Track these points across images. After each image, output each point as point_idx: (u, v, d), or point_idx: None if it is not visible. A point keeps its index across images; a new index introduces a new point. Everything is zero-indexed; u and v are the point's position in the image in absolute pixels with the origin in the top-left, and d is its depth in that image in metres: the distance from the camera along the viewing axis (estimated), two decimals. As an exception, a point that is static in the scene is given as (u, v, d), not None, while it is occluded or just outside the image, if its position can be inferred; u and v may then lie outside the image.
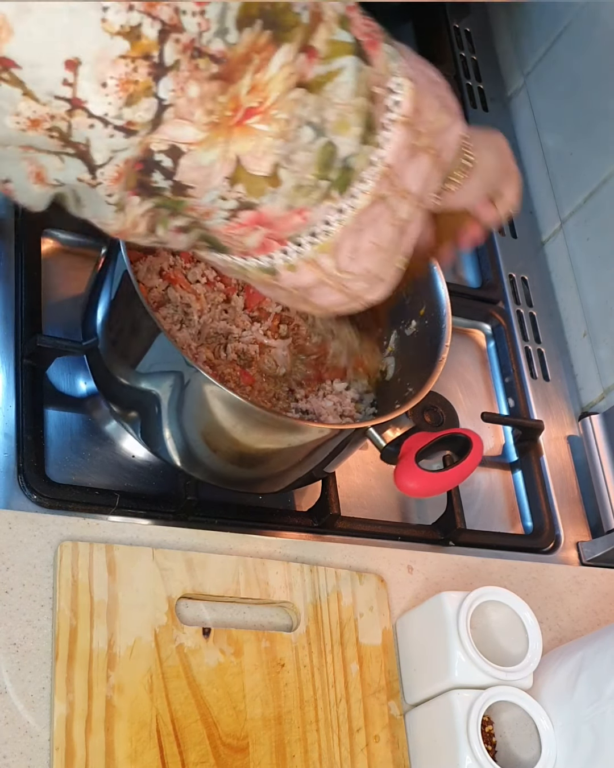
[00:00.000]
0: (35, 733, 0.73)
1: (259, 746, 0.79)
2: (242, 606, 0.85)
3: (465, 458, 0.81)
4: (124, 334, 0.83)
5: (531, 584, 1.00)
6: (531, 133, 1.33)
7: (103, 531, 0.83)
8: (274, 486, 0.92)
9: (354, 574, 0.90)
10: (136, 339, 0.80)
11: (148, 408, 0.83)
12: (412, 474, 0.80)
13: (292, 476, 0.90)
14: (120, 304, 0.82)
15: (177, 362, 0.77)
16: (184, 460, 0.86)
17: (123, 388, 0.85)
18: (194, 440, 0.84)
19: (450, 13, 1.37)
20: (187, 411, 0.81)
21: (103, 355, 0.86)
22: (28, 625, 0.76)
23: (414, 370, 0.90)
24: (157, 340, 0.77)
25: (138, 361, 0.81)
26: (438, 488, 0.83)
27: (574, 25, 1.26)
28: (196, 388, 0.78)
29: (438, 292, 0.89)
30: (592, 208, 1.22)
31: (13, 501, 0.83)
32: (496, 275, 1.21)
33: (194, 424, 0.82)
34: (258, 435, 0.81)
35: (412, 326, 0.91)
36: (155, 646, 0.79)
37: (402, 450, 0.82)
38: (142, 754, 0.75)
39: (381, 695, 0.86)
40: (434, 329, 0.89)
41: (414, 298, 0.91)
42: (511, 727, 0.84)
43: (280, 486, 0.92)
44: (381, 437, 0.82)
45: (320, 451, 0.85)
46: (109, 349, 0.85)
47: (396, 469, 0.81)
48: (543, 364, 1.20)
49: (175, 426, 0.83)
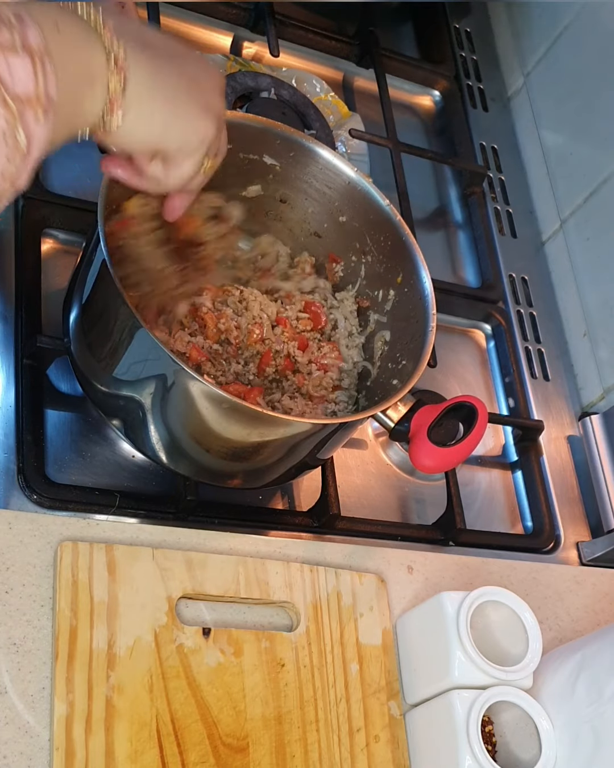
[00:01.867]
0: (35, 733, 0.73)
1: (259, 746, 0.79)
2: (242, 606, 0.85)
3: (473, 428, 0.81)
4: (99, 327, 0.82)
5: (531, 584, 1.00)
6: (532, 134, 1.33)
7: (103, 531, 0.83)
8: (264, 479, 0.90)
9: (354, 574, 0.90)
10: (113, 332, 0.79)
11: (132, 406, 0.82)
12: (427, 451, 0.80)
13: (283, 467, 0.88)
14: (97, 300, 0.81)
15: (160, 359, 0.76)
16: (170, 458, 0.85)
17: (102, 387, 0.84)
18: (181, 437, 0.83)
19: (450, 13, 1.37)
20: (172, 408, 0.80)
21: (75, 353, 0.85)
22: (28, 625, 0.76)
23: (403, 343, 0.89)
24: (138, 334, 0.76)
25: (118, 360, 0.80)
26: (454, 461, 0.82)
27: (574, 25, 1.26)
28: (182, 387, 0.77)
29: (414, 256, 0.89)
30: (592, 208, 1.22)
31: (13, 501, 0.83)
32: (496, 275, 1.21)
33: (180, 421, 0.81)
34: (246, 430, 0.80)
35: (391, 296, 0.91)
36: (155, 646, 0.79)
37: (412, 428, 0.81)
38: (142, 754, 0.75)
39: (381, 695, 0.86)
40: (416, 296, 0.88)
41: (387, 266, 0.91)
42: (511, 727, 0.84)
43: (270, 478, 0.90)
44: (387, 417, 0.81)
45: (310, 441, 0.83)
46: (82, 344, 0.84)
47: (411, 449, 0.80)
48: (543, 364, 1.20)
49: (160, 423, 0.82)
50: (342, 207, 0.94)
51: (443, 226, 1.26)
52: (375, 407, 0.82)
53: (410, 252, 0.90)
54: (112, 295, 0.75)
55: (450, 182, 1.28)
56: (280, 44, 1.17)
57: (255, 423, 0.78)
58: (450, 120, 1.31)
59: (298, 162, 0.92)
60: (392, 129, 1.19)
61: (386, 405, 0.81)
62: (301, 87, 1.17)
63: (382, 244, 0.92)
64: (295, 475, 0.91)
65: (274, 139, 0.90)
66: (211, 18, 1.19)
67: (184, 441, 0.83)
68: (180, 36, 1.16)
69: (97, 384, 0.84)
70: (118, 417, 0.85)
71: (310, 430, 0.81)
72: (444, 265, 1.22)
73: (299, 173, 0.93)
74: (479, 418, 0.81)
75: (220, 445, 0.82)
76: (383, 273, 0.93)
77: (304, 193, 0.94)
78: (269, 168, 0.92)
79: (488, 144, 1.33)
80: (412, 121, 1.31)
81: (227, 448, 0.82)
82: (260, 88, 1.12)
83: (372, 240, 0.93)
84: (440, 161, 1.26)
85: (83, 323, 0.83)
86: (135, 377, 0.80)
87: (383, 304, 0.93)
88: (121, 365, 0.80)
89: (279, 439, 0.81)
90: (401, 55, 1.29)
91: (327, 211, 0.95)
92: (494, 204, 1.29)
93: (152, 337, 0.74)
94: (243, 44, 1.20)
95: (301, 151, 0.91)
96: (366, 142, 1.17)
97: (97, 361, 0.83)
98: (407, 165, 1.17)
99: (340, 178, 0.92)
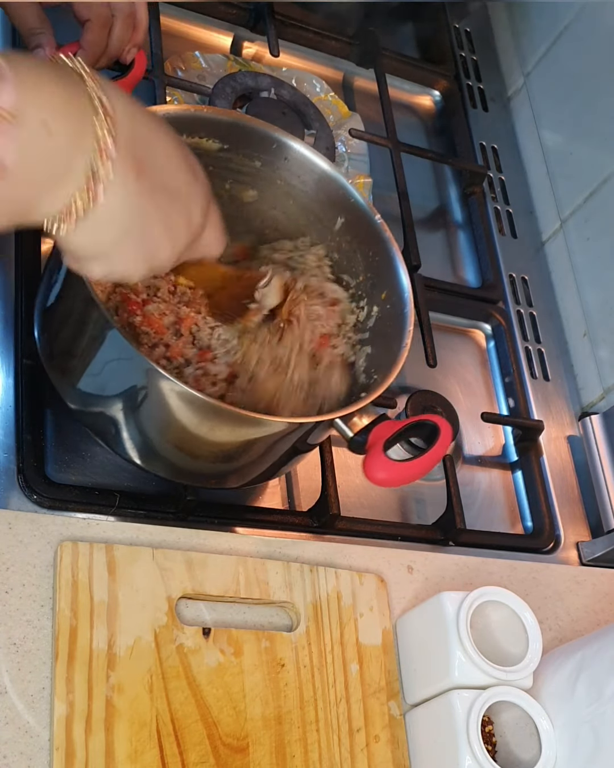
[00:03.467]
0: (35, 733, 0.73)
1: (259, 746, 0.79)
2: (242, 606, 0.85)
3: (433, 445, 0.79)
4: (68, 331, 0.81)
5: (531, 584, 1.00)
6: (532, 134, 1.33)
7: (103, 531, 0.83)
8: (239, 479, 0.89)
9: (354, 574, 0.90)
10: (83, 335, 0.78)
11: (107, 409, 0.81)
12: (381, 464, 0.78)
13: (257, 469, 0.87)
14: (66, 301, 0.80)
15: (134, 361, 0.75)
16: (144, 460, 0.84)
17: (74, 388, 0.83)
18: (154, 438, 0.82)
19: (450, 13, 1.37)
20: (147, 412, 0.79)
21: (43, 355, 0.84)
22: (28, 625, 0.76)
23: (380, 358, 0.88)
24: (109, 335, 0.75)
25: (89, 362, 0.79)
26: (408, 477, 0.80)
27: (574, 25, 1.26)
28: (157, 390, 0.75)
29: (399, 274, 0.88)
30: (592, 208, 1.22)
31: (13, 501, 0.83)
32: (496, 275, 1.21)
33: (153, 423, 0.80)
34: (220, 430, 0.79)
35: (374, 312, 0.91)
36: (155, 646, 0.79)
37: (369, 440, 0.80)
38: (142, 754, 0.75)
39: (381, 695, 0.86)
40: (396, 314, 0.87)
41: (374, 282, 0.91)
42: (511, 727, 0.84)
43: (246, 479, 0.89)
44: (348, 427, 0.80)
45: (286, 441, 0.82)
46: (51, 345, 0.83)
47: (365, 460, 0.79)
48: (543, 364, 1.20)
49: (133, 425, 0.81)
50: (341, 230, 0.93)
51: (443, 226, 1.26)
52: (333, 413, 0.81)
53: (396, 269, 0.89)
54: (82, 293, 0.74)
55: (450, 182, 1.28)
56: (280, 44, 1.17)
57: (212, 417, 0.77)
58: (450, 120, 1.31)
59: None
60: (392, 129, 1.19)
61: (343, 412, 0.80)
62: (300, 87, 1.17)
63: (370, 260, 0.91)
64: (275, 473, 0.90)
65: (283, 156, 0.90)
66: (211, 18, 1.19)
67: (155, 441, 0.82)
68: (179, 38, 1.17)
69: (68, 374, 0.83)
70: (89, 415, 0.84)
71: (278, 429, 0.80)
72: (444, 265, 1.22)
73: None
74: (440, 438, 0.79)
75: (191, 442, 0.80)
76: (370, 289, 0.92)
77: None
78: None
79: (488, 144, 1.33)
80: (412, 121, 1.31)
81: (196, 444, 0.81)
82: (260, 88, 1.12)
83: (364, 257, 0.92)
84: (440, 161, 1.26)
85: (50, 325, 0.83)
86: (105, 382, 0.79)
87: (367, 321, 0.93)
88: (93, 365, 0.79)
89: (240, 433, 0.80)
90: (401, 55, 1.29)
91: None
92: (494, 204, 1.29)
93: (123, 339, 0.72)
94: (243, 44, 1.20)
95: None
96: (366, 142, 1.17)
97: (69, 366, 0.82)
98: (407, 165, 1.17)
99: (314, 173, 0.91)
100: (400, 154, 1.17)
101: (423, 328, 1.08)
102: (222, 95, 1.08)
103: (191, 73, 1.11)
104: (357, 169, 1.15)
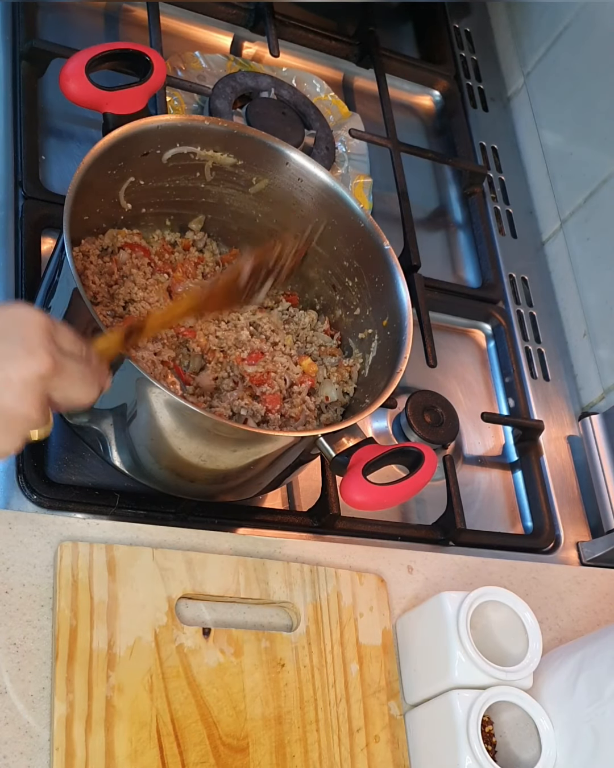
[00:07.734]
0: (35, 733, 0.73)
1: (259, 746, 0.79)
2: (242, 606, 0.85)
3: (416, 472, 0.79)
4: None
5: (531, 584, 1.00)
6: (531, 133, 1.33)
7: (103, 531, 0.83)
8: (239, 494, 0.90)
9: (354, 574, 0.90)
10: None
11: (99, 426, 0.82)
12: (358, 487, 0.77)
13: (255, 482, 0.88)
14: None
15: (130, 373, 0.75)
16: (133, 469, 0.85)
17: None
18: (142, 452, 0.82)
19: (450, 13, 1.37)
20: (140, 423, 0.79)
21: None
22: (28, 625, 0.76)
23: (374, 382, 0.89)
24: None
25: None
26: (387, 502, 0.79)
27: (574, 25, 1.26)
28: (151, 402, 0.76)
29: (402, 302, 0.88)
30: (592, 208, 1.22)
31: (13, 501, 0.83)
32: (496, 275, 1.21)
33: (143, 434, 0.80)
34: (212, 445, 0.79)
35: (376, 338, 0.91)
36: (155, 646, 0.79)
37: (351, 461, 0.79)
38: (142, 754, 0.75)
39: (381, 695, 0.86)
40: (395, 340, 0.88)
41: (378, 308, 0.91)
42: (511, 727, 0.84)
43: (248, 493, 0.90)
44: (332, 447, 0.80)
45: (281, 459, 0.83)
46: None
47: (343, 482, 0.78)
48: (543, 364, 1.20)
49: (122, 437, 0.82)
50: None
51: (443, 226, 1.26)
52: (316, 429, 0.81)
53: (399, 295, 0.89)
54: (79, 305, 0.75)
55: (450, 182, 1.28)
56: (280, 44, 1.17)
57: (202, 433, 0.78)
58: (450, 120, 1.31)
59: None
60: (392, 129, 1.19)
61: (326, 430, 0.80)
62: (301, 87, 1.17)
63: (376, 285, 0.91)
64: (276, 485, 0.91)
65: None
66: (211, 18, 1.19)
67: (141, 453, 0.83)
68: (179, 38, 1.17)
69: None
70: (90, 432, 0.84)
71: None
72: (444, 265, 1.22)
73: None
74: (423, 466, 0.79)
75: (172, 455, 0.81)
76: (370, 315, 0.92)
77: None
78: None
79: (488, 144, 1.33)
80: (412, 121, 1.31)
81: (179, 457, 0.81)
82: (260, 88, 1.12)
83: (369, 281, 0.92)
84: (440, 161, 1.26)
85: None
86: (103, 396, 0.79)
87: (363, 371, 0.93)
88: None
89: (229, 448, 0.80)
90: (401, 55, 1.29)
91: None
92: (494, 204, 1.29)
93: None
94: (243, 44, 1.20)
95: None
96: (366, 142, 1.17)
97: None
98: (407, 165, 1.17)
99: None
100: (400, 154, 1.17)
101: (423, 328, 1.08)
102: (222, 95, 1.08)
103: (191, 73, 1.11)
104: (357, 169, 1.15)
